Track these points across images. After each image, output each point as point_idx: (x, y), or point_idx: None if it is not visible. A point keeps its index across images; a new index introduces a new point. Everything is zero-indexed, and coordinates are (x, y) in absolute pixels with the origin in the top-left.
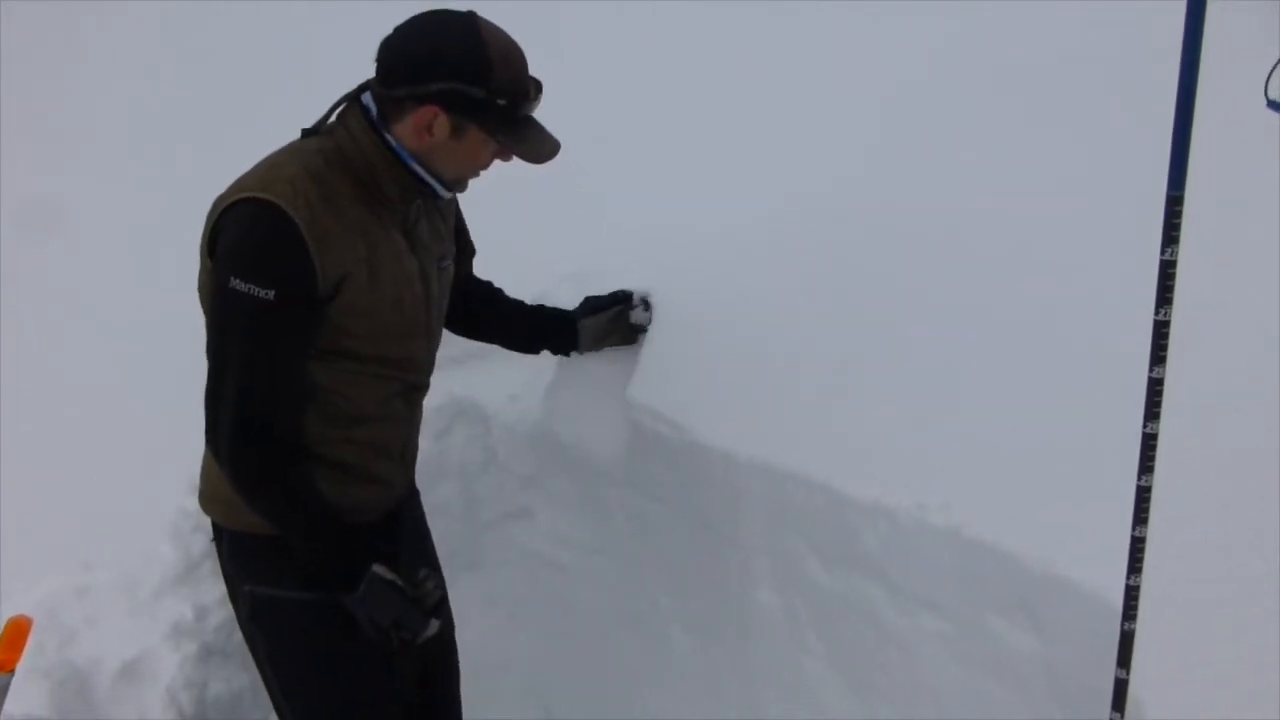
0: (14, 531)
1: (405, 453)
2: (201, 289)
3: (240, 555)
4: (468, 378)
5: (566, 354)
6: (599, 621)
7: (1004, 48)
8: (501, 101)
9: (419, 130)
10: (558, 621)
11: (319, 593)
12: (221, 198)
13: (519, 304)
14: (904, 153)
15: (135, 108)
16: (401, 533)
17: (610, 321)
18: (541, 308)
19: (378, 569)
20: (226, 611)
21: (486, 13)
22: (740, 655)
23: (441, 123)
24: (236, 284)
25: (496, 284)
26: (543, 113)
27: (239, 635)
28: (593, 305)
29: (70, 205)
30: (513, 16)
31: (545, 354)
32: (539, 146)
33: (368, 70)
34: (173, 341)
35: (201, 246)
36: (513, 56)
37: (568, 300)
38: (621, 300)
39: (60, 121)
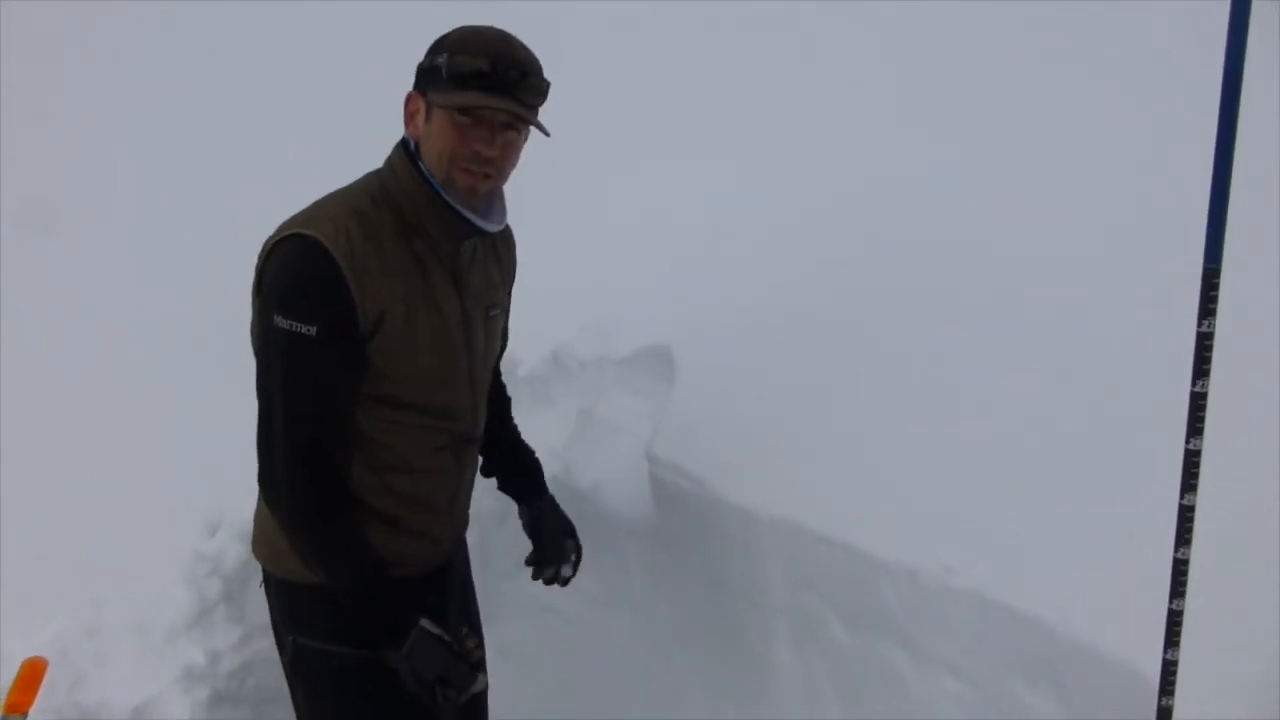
0: (23, 564)
1: (454, 507)
2: (251, 329)
3: (285, 603)
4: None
5: (515, 500)
6: (613, 676)
7: (1005, 47)
8: (440, 60)
9: (410, 121)
10: (571, 675)
11: (362, 649)
12: (269, 239)
13: (513, 428)
14: (922, 165)
15: (135, 108)
16: (450, 588)
17: (537, 523)
18: (525, 450)
19: (425, 623)
20: (240, 657)
21: (488, 15)
22: (757, 714)
23: (419, 108)
24: (280, 321)
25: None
26: (548, 117)
27: (252, 681)
28: (554, 513)
29: (70, 205)
30: (516, 17)
31: (566, 406)
32: (476, 105)
33: (367, 71)
34: (171, 343)
35: (252, 288)
36: (484, 35)
37: (588, 351)
38: (552, 561)
39: (60, 121)
